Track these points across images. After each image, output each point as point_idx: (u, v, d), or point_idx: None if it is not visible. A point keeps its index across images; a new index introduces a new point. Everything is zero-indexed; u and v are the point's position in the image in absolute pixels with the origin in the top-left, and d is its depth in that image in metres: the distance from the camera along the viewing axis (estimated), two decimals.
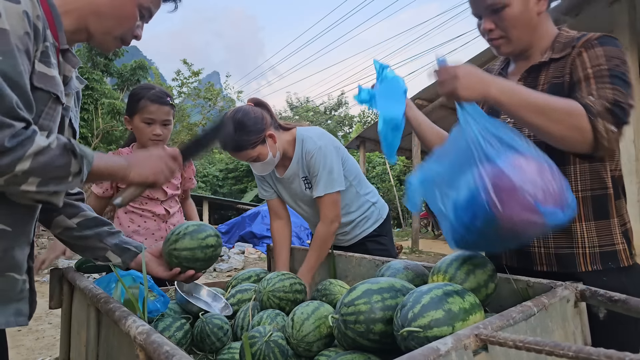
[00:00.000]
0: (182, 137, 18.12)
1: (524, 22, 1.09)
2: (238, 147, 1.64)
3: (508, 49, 1.15)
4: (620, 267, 1.08)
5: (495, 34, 1.12)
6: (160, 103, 1.80)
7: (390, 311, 0.90)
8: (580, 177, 1.09)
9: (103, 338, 1.10)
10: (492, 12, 1.09)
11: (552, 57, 1.11)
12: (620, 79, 0.98)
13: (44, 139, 0.80)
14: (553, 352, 0.59)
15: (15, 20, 0.77)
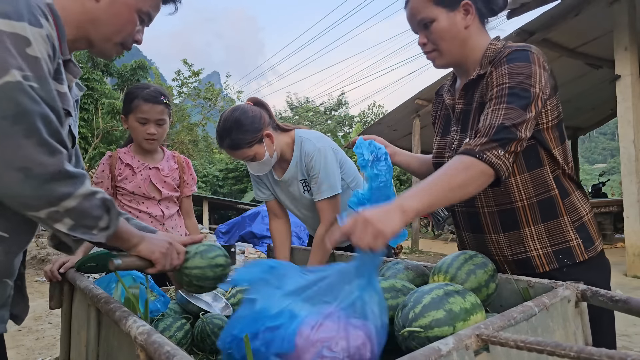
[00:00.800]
0: (182, 137, 18.13)
1: (451, 35, 1.15)
2: (234, 146, 1.62)
3: (441, 62, 1.21)
4: (577, 262, 1.11)
5: (427, 47, 1.19)
6: (154, 102, 1.79)
7: (391, 311, 0.90)
8: (523, 187, 1.13)
9: (103, 338, 1.10)
10: (423, 27, 1.17)
11: (479, 73, 1.16)
12: (518, 95, 1.01)
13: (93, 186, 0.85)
14: (554, 352, 0.59)
15: (42, 45, 0.77)
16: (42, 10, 0.79)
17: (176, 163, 2.04)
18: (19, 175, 0.73)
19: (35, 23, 0.76)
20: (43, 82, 0.77)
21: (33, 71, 0.75)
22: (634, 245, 5.03)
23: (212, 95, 19.21)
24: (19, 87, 0.72)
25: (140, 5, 0.99)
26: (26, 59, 0.74)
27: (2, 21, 0.73)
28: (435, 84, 7.40)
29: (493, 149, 0.96)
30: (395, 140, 10.14)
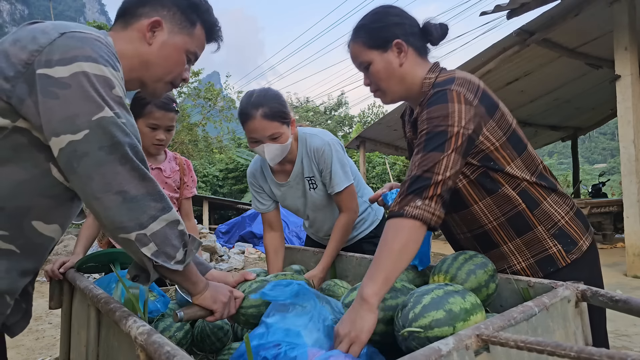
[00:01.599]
0: (182, 136, 18.13)
1: (387, 75, 1.18)
2: (272, 114, 1.54)
3: (386, 100, 1.24)
4: (560, 267, 1.11)
5: (372, 87, 1.24)
6: (166, 109, 1.82)
7: (391, 311, 0.90)
8: (488, 211, 1.15)
9: (103, 338, 1.10)
10: (364, 69, 1.22)
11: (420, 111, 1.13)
12: (433, 139, 1.01)
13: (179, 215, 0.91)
14: (555, 352, 0.59)
15: (120, 87, 0.86)
16: (115, 56, 0.89)
17: (177, 165, 2.05)
18: (118, 198, 0.81)
19: (115, 67, 0.86)
20: (128, 117, 0.86)
21: (120, 108, 0.84)
22: (634, 245, 5.03)
23: (212, 95, 19.19)
24: (113, 122, 0.81)
25: (188, 46, 1.05)
26: (113, 98, 0.83)
27: (91, 65, 0.81)
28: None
29: (410, 201, 0.96)
30: (395, 140, 10.14)
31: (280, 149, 1.60)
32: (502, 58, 6.19)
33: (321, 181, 1.74)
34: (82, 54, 0.81)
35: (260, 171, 1.83)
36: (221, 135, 22.53)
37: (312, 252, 1.78)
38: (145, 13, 1.01)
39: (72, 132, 0.79)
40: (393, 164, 18.36)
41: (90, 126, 0.79)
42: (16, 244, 0.87)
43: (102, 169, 0.80)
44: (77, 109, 0.79)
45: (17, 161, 0.83)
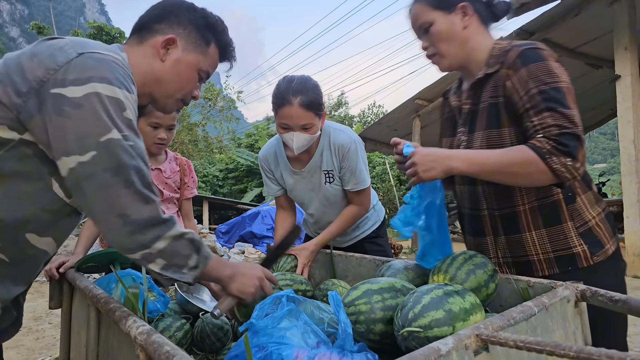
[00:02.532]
0: (182, 136, 18.13)
1: (449, 37, 1.17)
2: (309, 104, 1.53)
3: (444, 64, 1.22)
4: (580, 267, 1.09)
5: (429, 51, 1.21)
6: None
7: (391, 311, 0.90)
8: (525, 189, 1.12)
9: (103, 338, 1.10)
10: (424, 32, 1.20)
11: (487, 72, 1.15)
12: (552, 98, 1.00)
13: (180, 227, 0.91)
14: (554, 352, 0.59)
15: (132, 109, 0.87)
16: (131, 78, 0.90)
17: (178, 165, 2.05)
18: (119, 220, 0.82)
19: (129, 89, 0.86)
20: (136, 140, 0.86)
21: (129, 131, 0.84)
22: (634, 245, 5.03)
23: (212, 96, 19.20)
24: (119, 144, 0.82)
25: (201, 65, 1.06)
26: (123, 120, 0.83)
27: (105, 86, 0.81)
28: (435, 84, 7.40)
29: (559, 155, 0.96)
30: None
31: (309, 139, 1.60)
32: None
33: (339, 177, 1.74)
34: (97, 75, 0.81)
35: (274, 156, 1.82)
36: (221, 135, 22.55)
37: None
38: (161, 30, 1.02)
39: (80, 152, 0.79)
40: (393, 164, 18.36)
41: (97, 147, 0.80)
42: (6, 253, 0.88)
43: (106, 192, 0.81)
44: (86, 129, 0.80)
45: (22, 173, 0.84)
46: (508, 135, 1.10)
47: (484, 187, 1.19)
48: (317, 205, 1.81)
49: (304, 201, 1.84)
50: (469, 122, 1.22)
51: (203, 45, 1.05)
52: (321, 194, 1.77)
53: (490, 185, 1.16)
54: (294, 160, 1.76)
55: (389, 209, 16.84)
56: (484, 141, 1.14)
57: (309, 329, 0.86)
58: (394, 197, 16.02)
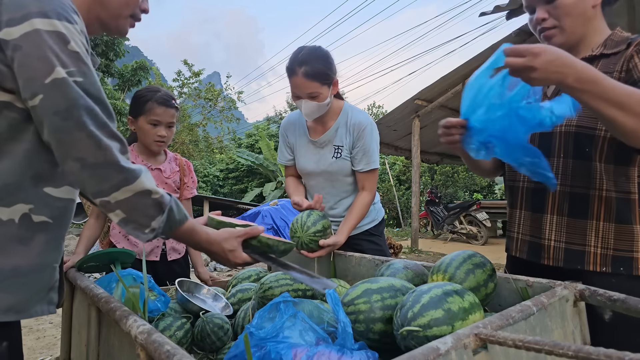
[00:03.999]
0: (182, 137, 18.12)
1: (578, 12, 1.09)
2: (313, 74, 1.62)
3: (561, 39, 1.13)
4: (633, 275, 1.05)
5: (548, 23, 1.12)
6: (167, 106, 1.83)
7: (390, 310, 0.90)
8: (605, 176, 1.07)
9: (104, 338, 1.11)
10: (547, 2, 1.11)
11: (603, 53, 1.11)
12: None
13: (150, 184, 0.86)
14: (552, 352, 0.59)
15: (79, 40, 0.81)
16: (71, 6, 0.83)
17: (178, 165, 2.05)
18: (77, 164, 0.79)
19: (70, 19, 0.80)
20: (87, 75, 0.81)
21: (76, 66, 0.79)
22: None
23: (212, 96, 19.19)
24: (65, 83, 0.77)
25: None
26: (69, 55, 0.78)
27: (43, 20, 0.76)
28: (434, 84, 7.40)
29: None
30: (395, 140, 10.14)
31: (317, 107, 1.70)
32: None
33: (349, 155, 1.80)
34: (32, 11, 0.76)
35: (295, 123, 1.93)
36: (222, 135, 22.54)
37: None
38: None
39: (30, 97, 0.76)
40: (393, 164, 18.36)
41: (43, 90, 0.76)
42: (45, 213, 0.89)
43: (59, 136, 0.78)
44: (30, 73, 0.76)
45: (16, 136, 0.83)
46: None
47: (566, 160, 1.11)
48: (320, 179, 1.88)
49: (308, 171, 1.90)
50: (556, 94, 1.17)
51: None
52: (325, 167, 1.84)
53: (572, 159, 1.10)
54: (312, 129, 1.87)
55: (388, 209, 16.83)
56: None
57: (307, 326, 0.86)
58: (394, 197, 16.02)
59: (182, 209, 0.94)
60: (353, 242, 1.89)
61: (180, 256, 2.10)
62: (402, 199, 16.78)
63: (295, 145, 1.92)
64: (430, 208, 10.76)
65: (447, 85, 7.36)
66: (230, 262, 1.04)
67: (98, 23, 1.01)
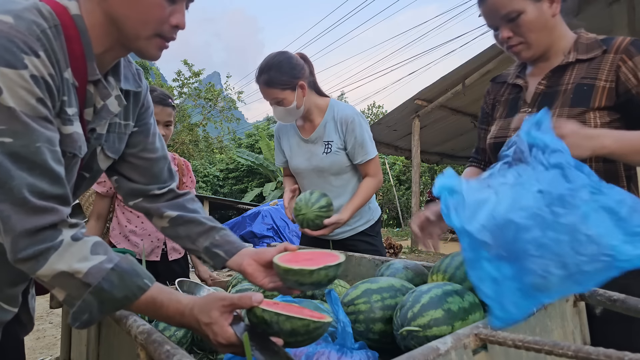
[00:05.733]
0: (182, 137, 18.12)
1: (540, 26, 1.13)
2: (269, 82, 1.70)
3: (528, 54, 1.18)
4: None
5: (514, 40, 1.16)
6: (164, 105, 1.84)
7: (390, 310, 0.90)
8: (633, 182, 1.12)
9: (104, 337, 1.11)
10: (508, 21, 1.14)
11: (578, 58, 1.15)
12: None
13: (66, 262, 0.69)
14: (552, 352, 0.59)
15: (23, 90, 0.67)
16: (28, 45, 0.67)
17: (176, 165, 2.05)
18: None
19: (14, 64, 0.66)
20: (20, 135, 0.67)
21: (6, 124, 0.66)
22: None
23: (212, 96, 19.19)
24: None
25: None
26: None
27: None
28: (434, 84, 7.39)
29: None
30: (395, 140, 10.14)
31: (285, 111, 1.76)
32: (501, 58, 6.19)
33: (342, 150, 1.84)
34: None
35: (287, 125, 1.97)
36: (222, 135, 22.54)
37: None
38: None
39: None
40: (393, 164, 18.36)
41: None
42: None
43: None
44: None
45: None
46: (593, 116, 1.10)
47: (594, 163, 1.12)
48: (312, 176, 1.91)
49: (300, 169, 1.94)
50: (540, 103, 1.21)
51: None
52: (317, 163, 1.87)
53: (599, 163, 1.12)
54: (302, 129, 1.92)
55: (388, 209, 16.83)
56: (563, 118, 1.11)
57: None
58: (394, 197, 16.02)
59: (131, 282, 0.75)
60: (349, 242, 1.89)
61: (181, 256, 2.10)
62: (402, 199, 16.77)
63: (288, 146, 1.97)
64: None
65: (447, 85, 7.36)
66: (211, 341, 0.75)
67: (119, 46, 0.85)
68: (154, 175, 1.09)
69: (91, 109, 0.87)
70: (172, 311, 0.78)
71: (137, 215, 1.98)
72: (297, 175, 1.99)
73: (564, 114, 1.13)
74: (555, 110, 1.16)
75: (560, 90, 1.18)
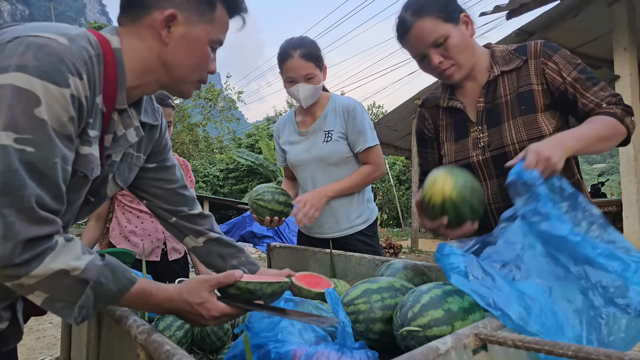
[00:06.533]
0: (182, 137, 18.13)
1: (465, 47, 1.21)
2: (309, 55, 1.71)
3: (460, 74, 1.24)
4: None
5: (445, 64, 1.22)
6: (164, 105, 1.84)
7: (390, 310, 0.90)
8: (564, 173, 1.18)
9: (104, 338, 1.11)
10: (437, 46, 1.20)
11: (503, 70, 1.26)
12: (590, 75, 1.18)
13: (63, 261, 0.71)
14: (552, 352, 0.59)
15: (59, 107, 0.71)
16: (75, 67, 0.73)
17: None
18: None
19: (59, 82, 0.70)
20: (42, 148, 0.70)
21: (34, 134, 0.68)
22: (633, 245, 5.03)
23: (212, 96, 19.20)
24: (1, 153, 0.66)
25: (211, 36, 0.90)
26: (30, 120, 0.68)
27: (19, 75, 0.67)
28: (435, 84, 7.40)
29: (627, 115, 1.13)
30: (394, 140, 10.15)
31: (313, 90, 1.76)
32: None
33: (344, 139, 1.83)
34: (17, 63, 0.68)
35: (285, 123, 1.98)
36: (222, 135, 22.56)
37: (311, 252, 1.78)
38: (155, 3, 0.84)
39: None
40: (393, 164, 18.36)
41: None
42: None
43: None
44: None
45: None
46: (542, 119, 1.20)
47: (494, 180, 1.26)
48: (312, 167, 1.88)
49: (299, 161, 1.91)
50: (487, 118, 1.27)
51: (208, 11, 0.87)
52: (317, 152, 1.85)
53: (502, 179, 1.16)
54: (301, 124, 1.92)
55: (388, 209, 16.84)
56: (518, 128, 1.21)
57: (306, 325, 0.86)
58: (394, 197, 16.02)
59: (121, 276, 0.79)
60: (347, 241, 1.89)
61: (181, 256, 2.10)
62: (402, 199, 16.78)
63: (288, 142, 1.96)
64: None
65: None
66: (205, 318, 0.84)
67: (157, 84, 0.91)
68: (178, 200, 1.20)
69: (111, 135, 0.91)
70: (162, 298, 0.84)
71: (136, 215, 1.98)
72: (296, 169, 1.95)
73: (519, 124, 1.21)
74: (507, 123, 1.23)
75: (502, 103, 1.25)
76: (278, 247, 1.93)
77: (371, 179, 1.87)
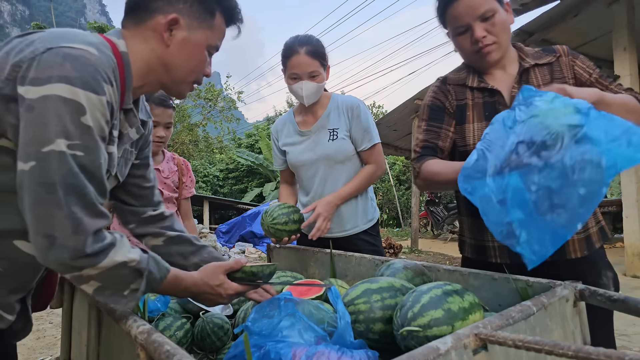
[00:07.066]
0: (182, 137, 18.13)
1: (507, 28, 1.22)
2: (315, 52, 1.71)
3: (498, 54, 1.23)
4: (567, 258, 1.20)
5: (488, 39, 1.20)
6: (165, 106, 1.84)
7: (390, 310, 0.90)
8: None
9: (104, 338, 1.11)
10: (484, 20, 1.18)
11: (537, 63, 1.27)
12: (608, 75, 1.24)
13: (123, 254, 0.82)
14: (552, 352, 0.59)
15: (98, 113, 0.78)
16: (107, 75, 0.79)
17: (176, 165, 2.06)
18: (45, 241, 0.74)
19: (98, 90, 0.77)
20: (90, 151, 0.77)
21: (82, 139, 0.75)
22: (633, 245, 5.03)
23: (212, 96, 19.18)
24: (61, 158, 0.73)
25: (209, 41, 0.98)
26: (78, 127, 0.75)
27: (64, 87, 0.73)
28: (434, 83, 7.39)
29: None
30: (394, 140, 10.15)
31: (317, 88, 1.75)
32: None
33: (349, 137, 1.82)
34: (58, 74, 0.73)
35: (284, 124, 1.96)
36: (221, 135, 22.54)
37: (311, 252, 1.78)
38: (159, 8, 0.91)
39: (24, 160, 0.73)
40: (393, 164, 18.35)
41: (37, 158, 0.72)
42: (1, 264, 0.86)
43: (38, 207, 0.73)
44: (31, 137, 0.72)
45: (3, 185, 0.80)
46: None
47: None
48: (319, 167, 1.85)
49: (303, 161, 1.87)
50: None
51: (208, 18, 0.95)
52: (323, 151, 1.83)
53: None
54: (302, 124, 1.90)
55: (387, 209, 16.84)
56: None
57: (306, 325, 0.86)
58: (394, 197, 16.02)
59: (162, 265, 0.91)
60: (350, 241, 1.88)
61: None
62: (402, 199, 16.78)
63: (289, 144, 1.93)
64: (430, 208, 10.76)
65: None
66: (223, 297, 1.01)
67: (158, 84, 0.99)
68: (148, 200, 1.21)
69: (117, 132, 0.95)
70: (189, 283, 0.98)
71: None
72: (299, 169, 1.91)
73: None
74: None
75: None
76: (278, 247, 1.92)
77: (374, 179, 1.87)
